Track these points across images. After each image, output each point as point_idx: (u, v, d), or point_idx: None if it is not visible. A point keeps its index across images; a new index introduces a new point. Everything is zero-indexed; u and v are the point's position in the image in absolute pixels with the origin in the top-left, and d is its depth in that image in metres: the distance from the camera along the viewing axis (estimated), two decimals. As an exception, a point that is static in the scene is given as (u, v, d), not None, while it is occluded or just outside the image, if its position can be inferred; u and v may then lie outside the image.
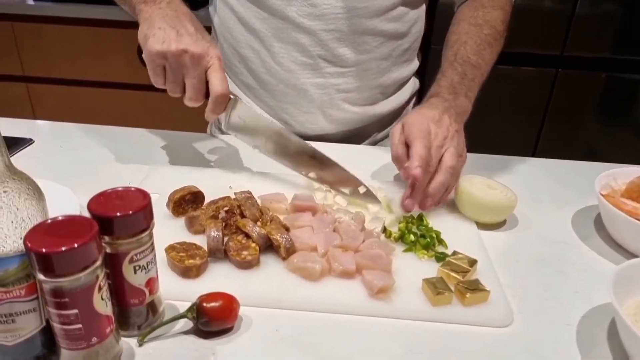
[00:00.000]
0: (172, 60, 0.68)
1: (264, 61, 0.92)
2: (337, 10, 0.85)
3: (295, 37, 0.88)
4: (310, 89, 0.91)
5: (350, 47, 0.89)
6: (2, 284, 0.42)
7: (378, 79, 0.95)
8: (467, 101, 0.79)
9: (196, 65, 0.69)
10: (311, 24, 0.86)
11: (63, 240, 0.41)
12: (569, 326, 0.56)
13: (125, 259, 0.47)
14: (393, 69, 0.96)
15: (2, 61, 2.02)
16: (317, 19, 0.86)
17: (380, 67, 0.94)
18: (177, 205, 0.68)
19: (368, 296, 0.57)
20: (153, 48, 0.68)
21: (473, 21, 0.87)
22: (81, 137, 0.92)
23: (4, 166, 0.41)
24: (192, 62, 0.68)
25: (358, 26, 0.87)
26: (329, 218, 0.67)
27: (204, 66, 0.69)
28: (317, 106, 0.93)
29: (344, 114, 0.95)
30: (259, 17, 0.88)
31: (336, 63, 0.90)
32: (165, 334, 0.52)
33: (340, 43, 0.88)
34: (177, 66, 0.69)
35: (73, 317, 0.43)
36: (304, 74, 0.91)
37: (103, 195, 0.48)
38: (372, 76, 0.94)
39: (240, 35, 0.92)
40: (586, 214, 0.78)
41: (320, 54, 0.89)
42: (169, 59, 0.68)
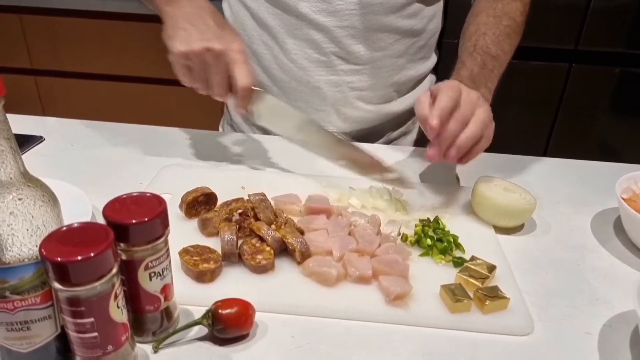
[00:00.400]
0: (196, 59, 0.69)
1: (276, 58, 0.90)
2: (351, 7, 0.84)
3: (308, 33, 0.86)
4: (324, 87, 0.90)
5: (365, 44, 0.88)
6: (17, 292, 0.42)
7: (393, 76, 0.93)
8: (487, 92, 0.77)
9: (219, 61, 0.69)
10: (325, 21, 0.85)
11: (79, 248, 0.40)
12: (590, 335, 0.55)
13: (140, 266, 0.47)
14: (408, 67, 0.94)
15: (10, 54, 2.02)
16: (331, 15, 0.85)
17: (396, 65, 0.92)
18: (189, 206, 0.67)
19: (385, 302, 0.56)
20: (177, 49, 0.70)
21: (492, 12, 0.86)
22: (92, 135, 0.92)
23: (19, 173, 0.40)
24: (215, 59, 0.69)
25: (373, 23, 0.86)
26: (344, 221, 0.66)
27: (226, 62, 0.70)
28: (330, 104, 0.92)
29: (357, 112, 0.93)
30: (271, 12, 0.87)
31: (350, 60, 0.89)
32: (180, 340, 0.52)
33: (354, 40, 0.87)
34: (200, 65, 0.70)
35: (89, 325, 0.42)
36: (317, 71, 0.89)
37: (118, 201, 0.47)
38: (387, 74, 0.92)
39: (253, 31, 0.91)
40: (605, 217, 0.76)
41: (333, 51, 0.88)
42: (193, 59, 0.69)
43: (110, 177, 0.79)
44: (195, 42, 0.69)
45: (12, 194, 0.40)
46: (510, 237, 0.70)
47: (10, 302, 0.42)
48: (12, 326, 0.43)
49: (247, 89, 0.71)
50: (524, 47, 1.90)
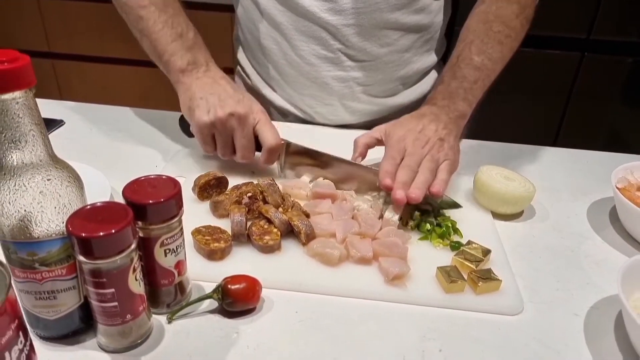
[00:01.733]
0: (220, 126, 0.72)
1: (285, 53, 0.93)
2: (357, 5, 0.85)
3: (316, 31, 0.89)
4: (331, 82, 0.93)
5: (371, 41, 0.90)
6: (45, 264, 0.46)
7: (399, 70, 0.95)
8: (466, 104, 0.78)
9: (243, 125, 0.73)
10: (331, 19, 0.87)
11: (101, 225, 0.44)
12: (577, 316, 0.58)
13: (156, 243, 0.50)
14: (414, 60, 0.96)
15: (28, 37, 2.06)
16: (338, 14, 0.87)
17: (402, 59, 0.94)
18: (202, 189, 0.71)
19: (384, 282, 0.60)
20: (201, 120, 0.72)
21: (483, 17, 0.84)
22: (109, 119, 0.96)
23: (48, 156, 0.44)
24: (239, 123, 0.72)
25: (379, 20, 0.88)
26: (348, 206, 0.70)
27: (251, 124, 0.73)
28: (337, 98, 0.94)
29: (364, 105, 0.96)
30: (281, 10, 0.89)
31: (356, 57, 0.91)
32: (192, 312, 0.56)
33: (360, 37, 0.89)
34: (225, 130, 0.73)
35: (110, 295, 0.46)
36: (325, 67, 0.92)
37: (136, 183, 0.51)
38: (393, 68, 0.94)
39: (263, 27, 0.93)
40: (602, 206, 0.79)
41: (340, 48, 0.90)
42: (218, 126, 0.72)
43: (127, 160, 0.83)
44: (218, 109, 0.71)
45: (41, 174, 0.43)
46: (508, 223, 0.73)
47: (39, 273, 0.46)
48: (40, 295, 0.47)
49: (277, 146, 0.74)
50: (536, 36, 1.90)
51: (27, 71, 0.40)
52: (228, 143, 0.74)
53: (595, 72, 1.88)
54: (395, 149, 0.71)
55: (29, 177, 0.43)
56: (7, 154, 0.42)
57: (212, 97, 0.73)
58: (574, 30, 1.84)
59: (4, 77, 0.39)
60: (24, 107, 0.41)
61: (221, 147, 0.75)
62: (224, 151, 0.75)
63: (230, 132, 0.73)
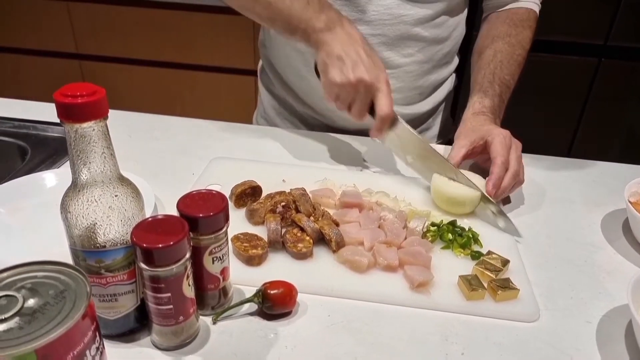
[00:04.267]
0: (348, 88, 0.79)
1: (307, 60, 0.97)
2: (384, 17, 0.91)
3: None
4: None
5: (394, 51, 0.95)
6: (110, 270, 0.51)
7: (418, 80, 1.00)
8: (499, 122, 0.89)
9: (367, 92, 0.79)
10: (359, 29, 0.91)
11: (161, 237, 0.49)
12: (590, 324, 0.63)
13: (206, 252, 0.56)
14: (433, 71, 1.02)
15: (57, 39, 2.13)
16: (365, 24, 0.92)
17: (421, 70, 0.99)
18: (238, 198, 0.76)
19: (409, 289, 0.65)
20: (334, 79, 0.79)
21: (508, 40, 0.94)
22: (147, 127, 1.01)
23: (116, 174, 0.49)
24: (365, 90, 0.79)
25: (403, 32, 0.93)
26: (375, 215, 0.74)
27: (373, 92, 0.80)
28: None
29: None
30: None
31: None
32: (234, 314, 0.61)
33: (385, 47, 0.94)
34: (350, 93, 0.80)
35: (166, 299, 0.52)
36: None
37: (189, 197, 0.56)
38: (413, 78, 0.99)
39: None
40: (615, 217, 0.83)
41: None
42: (347, 88, 0.79)
43: (165, 168, 0.88)
44: (350, 73, 0.78)
45: (110, 191, 0.49)
46: (524, 234, 0.77)
47: (104, 278, 0.51)
48: (103, 298, 0.53)
49: (389, 116, 0.80)
50: (553, 42, 1.92)
51: (103, 103, 0.45)
52: (348, 101, 0.82)
53: (612, 77, 1.90)
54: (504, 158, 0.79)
55: (100, 193, 0.48)
56: (82, 173, 0.47)
57: (347, 58, 0.78)
58: (591, 36, 1.86)
59: (84, 108, 0.44)
60: (99, 134, 0.46)
61: (341, 103, 0.82)
62: (342, 106, 0.83)
63: (354, 95, 0.80)
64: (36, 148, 0.91)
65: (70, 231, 0.50)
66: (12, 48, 2.19)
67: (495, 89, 0.89)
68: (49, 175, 0.81)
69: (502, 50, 0.93)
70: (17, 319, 0.39)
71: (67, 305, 0.40)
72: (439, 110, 1.11)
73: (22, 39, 2.16)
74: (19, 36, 2.15)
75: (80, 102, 0.44)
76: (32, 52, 2.18)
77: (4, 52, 2.20)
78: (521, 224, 0.79)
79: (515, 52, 0.93)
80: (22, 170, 0.85)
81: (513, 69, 0.92)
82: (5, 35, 2.16)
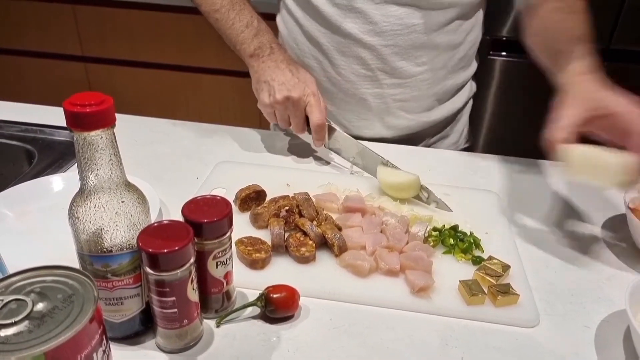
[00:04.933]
0: (279, 107, 0.87)
1: (326, 71, 0.99)
2: (396, 27, 0.91)
3: (356, 51, 0.94)
4: (369, 99, 0.98)
5: (408, 60, 0.95)
6: (116, 274, 0.52)
7: (434, 87, 1.00)
8: None
9: (297, 107, 0.87)
10: (371, 40, 0.92)
11: (167, 242, 0.50)
12: (589, 329, 0.63)
13: (209, 256, 0.57)
14: (449, 77, 1.01)
15: (63, 42, 2.15)
16: (377, 36, 0.92)
17: (436, 77, 0.99)
18: (243, 202, 0.77)
19: (410, 293, 0.65)
20: (263, 102, 0.88)
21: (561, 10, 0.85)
22: (152, 131, 1.02)
23: (122, 181, 0.50)
24: (294, 105, 0.87)
25: (415, 41, 0.93)
26: (377, 220, 0.75)
27: (302, 106, 0.87)
28: (374, 114, 1.00)
29: (399, 120, 1.01)
30: (322, 32, 0.95)
31: (394, 75, 0.96)
32: (237, 317, 0.62)
33: (398, 57, 0.94)
34: (283, 110, 0.88)
35: (171, 303, 0.53)
36: (364, 85, 0.97)
37: (193, 202, 0.57)
38: (428, 85, 0.99)
39: (305, 46, 0.99)
40: (616, 222, 0.83)
41: (379, 67, 0.95)
42: (276, 107, 0.88)
43: (170, 172, 0.90)
44: (277, 94, 0.86)
45: (117, 197, 0.50)
46: (526, 238, 0.78)
47: (110, 282, 0.52)
48: (109, 301, 0.54)
49: (321, 125, 0.88)
50: (555, 46, 1.90)
51: (110, 112, 0.46)
52: (285, 119, 0.90)
53: (615, 81, 1.89)
54: None
55: (107, 199, 0.49)
56: (90, 180, 0.48)
57: (273, 81, 0.87)
58: (594, 39, 1.86)
59: (92, 117, 0.45)
60: (106, 141, 0.47)
61: (279, 120, 0.90)
62: (282, 124, 0.91)
63: (287, 111, 0.88)
64: (43, 152, 0.92)
65: (77, 236, 0.51)
66: (18, 50, 2.20)
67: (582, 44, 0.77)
68: (55, 179, 0.82)
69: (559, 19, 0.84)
70: (27, 322, 0.40)
71: (75, 310, 0.42)
72: (458, 118, 1.10)
73: (28, 42, 2.17)
74: (26, 39, 2.17)
75: (89, 111, 0.45)
76: (38, 54, 2.19)
77: (10, 55, 2.22)
78: (522, 229, 0.80)
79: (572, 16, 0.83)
80: (29, 174, 0.86)
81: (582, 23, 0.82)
82: (12, 37, 2.17)
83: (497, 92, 1.86)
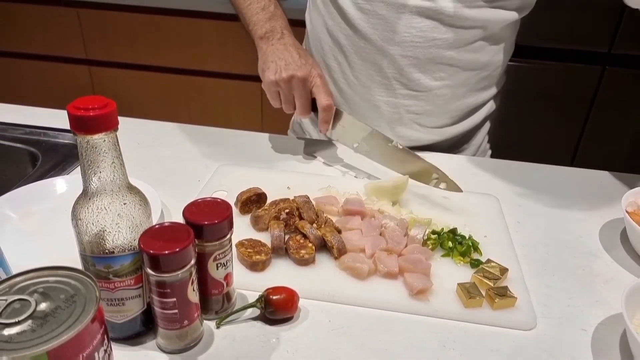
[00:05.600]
0: (284, 85, 0.86)
1: (344, 73, 0.99)
2: (416, 39, 0.90)
3: (374, 57, 0.94)
4: (382, 106, 0.98)
5: (425, 74, 0.93)
6: (118, 275, 0.53)
7: (451, 104, 0.98)
8: None
9: (302, 86, 0.86)
10: (390, 48, 0.91)
11: (168, 244, 0.51)
12: (586, 332, 0.64)
13: (210, 258, 0.57)
14: (468, 95, 0.99)
15: (67, 45, 2.16)
16: (396, 45, 0.91)
17: (455, 94, 0.97)
18: (244, 204, 0.78)
19: (408, 296, 0.66)
20: (268, 79, 0.86)
21: None
22: (154, 134, 1.03)
23: (125, 183, 0.51)
24: (299, 84, 0.86)
25: (435, 55, 0.91)
26: (376, 223, 0.76)
27: (309, 86, 0.87)
28: (386, 122, 0.99)
29: (411, 132, 1.00)
30: (345, 33, 0.95)
31: (409, 86, 0.95)
32: (237, 319, 0.63)
33: (415, 69, 0.93)
34: (288, 89, 0.87)
35: (172, 304, 0.54)
36: (378, 92, 0.97)
37: (194, 205, 0.58)
38: (444, 102, 0.97)
39: (327, 46, 0.99)
40: (614, 226, 0.84)
41: (395, 76, 0.94)
42: (281, 85, 0.86)
43: (172, 175, 0.90)
44: (283, 71, 0.85)
45: (119, 199, 0.51)
46: (525, 242, 0.78)
47: (112, 283, 0.53)
48: (111, 302, 0.55)
49: (329, 106, 0.87)
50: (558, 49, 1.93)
51: (113, 116, 0.47)
52: (289, 100, 0.88)
53: (616, 85, 1.91)
54: None
55: (109, 201, 0.50)
56: (93, 182, 0.49)
57: (280, 61, 0.86)
58: (595, 44, 1.87)
59: (95, 121, 0.46)
60: (109, 144, 0.48)
61: (284, 102, 0.89)
62: (287, 106, 0.89)
63: (292, 91, 0.86)
64: (47, 154, 0.94)
65: (80, 237, 0.51)
66: (23, 53, 2.22)
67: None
68: (59, 181, 0.83)
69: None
70: (30, 322, 0.41)
71: (77, 309, 0.42)
72: (474, 135, 1.08)
73: (32, 45, 2.19)
74: (30, 42, 2.18)
75: (92, 115, 0.46)
76: (42, 57, 2.21)
77: (15, 58, 2.23)
78: (520, 232, 0.80)
79: None
80: (33, 176, 0.88)
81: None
82: (16, 40, 2.19)
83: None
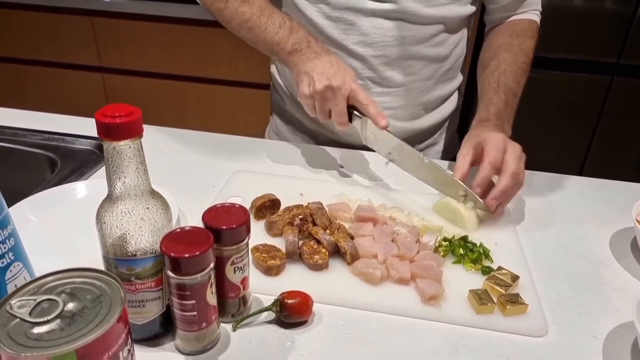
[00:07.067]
0: (318, 97, 0.85)
1: None
2: (386, 39, 0.95)
3: (349, 61, 0.97)
4: None
5: (397, 70, 0.99)
6: (139, 278, 0.54)
7: (422, 97, 1.05)
8: (509, 127, 0.90)
9: (337, 95, 0.84)
10: (362, 51, 0.97)
11: (188, 247, 0.53)
12: (597, 339, 0.64)
13: (228, 262, 0.59)
14: (436, 87, 1.05)
15: (81, 52, 2.20)
16: (368, 46, 0.96)
17: (424, 87, 1.03)
18: (258, 210, 0.80)
19: (420, 301, 0.67)
20: (303, 92, 0.86)
21: (510, 49, 0.98)
22: (170, 141, 1.05)
23: (148, 188, 0.53)
24: (334, 94, 0.84)
25: (404, 52, 0.97)
26: (388, 229, 0.77)
27: (343, 94, 0.84)
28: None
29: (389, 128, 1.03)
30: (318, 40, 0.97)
31: (384, 84, 1.00)
32: (253, 322, 0.64)
33: (387, 67, 0.98)
34: (323, 100, 0.86)
35: (191, 306, 0.55)
36: None
37: (213, 210, 0.59)
38: (416, 95, 1.04)
39: None
40: (624, 235, 0.84)
41: (369, 77, 0.99)
42: (316, 97, 0.86)
43: (188, 181, 0.92)
44: (316, 83, 0.84)
45: (142, 203, 0.52)
46: (535, 250, 0.79)
47: (133, 285, 0.55)
48: (132, 304, 0.56)
49: (372, 102, 0.85)
50: (566, 60, 1.94)
51: (138, 123, 0.48)
52: (325, 110, 0.87)
53: (625, 95, 1.91)
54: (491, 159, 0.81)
55: (133, 205, 0.52)
56: (117, 187, 0.51)
57: (312, 72, 0.85)
58: (604, 55, 1.88)
59: (121, 128, 0.48)
60: (134, 151, 0.50)
61: (319, 112, 0.88)
62: (323, 117, 0.88)
63: (327, 101, 0.86)
64: (65, 160, 0.96)
65: (104, 240, 0.53)
66: (37, 61, 2.26)
67: (501, 96, 0.92)
68: (78, 185, 0.85)
69: (506, 59, 0.96)
70: (58, 321, 0.42)
71: (103, 309, 0.44)
72: (445, 126, 1.15)
73: (47, 53, 2.23)
74: (45, 50, 2.22)
75: (119, 122, 0.47)
76: (56, 64, 2.25)
77: (30, 65, 2.27)
78: (531, 240, 0.81)
79: (518, 59, 0.96)
80: (52, 180, 0.90)
81: (518, 75, 0.95)
82: (32, 49, 2.23)
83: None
